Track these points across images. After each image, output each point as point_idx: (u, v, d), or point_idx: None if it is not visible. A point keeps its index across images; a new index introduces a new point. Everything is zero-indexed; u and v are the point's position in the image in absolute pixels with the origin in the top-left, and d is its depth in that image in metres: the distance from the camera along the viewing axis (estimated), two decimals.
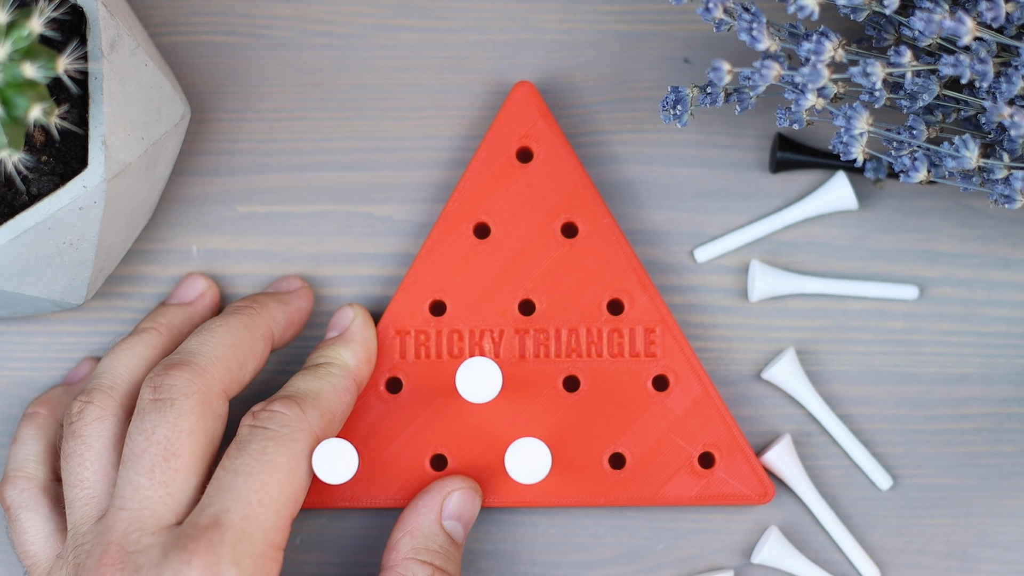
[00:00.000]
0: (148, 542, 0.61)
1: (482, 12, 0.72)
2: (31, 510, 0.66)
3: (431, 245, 0.69)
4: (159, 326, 0.67)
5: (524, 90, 0.69)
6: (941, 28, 0.60)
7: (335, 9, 0.72)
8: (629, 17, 0.72)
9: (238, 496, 0.61)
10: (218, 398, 0.64)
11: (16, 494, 0.66)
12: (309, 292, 0.70)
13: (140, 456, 0.62)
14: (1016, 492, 0.70)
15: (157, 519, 0.61)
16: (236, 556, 0.60)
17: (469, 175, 0.69)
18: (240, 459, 0.62)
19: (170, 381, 0.63)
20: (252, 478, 0.61)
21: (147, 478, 0.62)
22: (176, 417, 0.62)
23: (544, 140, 0.69)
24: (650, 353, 0.69)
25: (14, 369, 0.71)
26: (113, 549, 0.61)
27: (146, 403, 0.63)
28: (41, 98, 0.57)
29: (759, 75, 0.63)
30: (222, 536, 0.60)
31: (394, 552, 0.66)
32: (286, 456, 0.62)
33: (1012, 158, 0.63)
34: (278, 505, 0.62)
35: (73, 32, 0.63)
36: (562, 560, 0.70)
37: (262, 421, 0.63)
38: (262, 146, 0.71)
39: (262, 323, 0.67)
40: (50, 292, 0.64)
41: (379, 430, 0.68)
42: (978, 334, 0.71)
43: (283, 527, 0.62)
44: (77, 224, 0.62)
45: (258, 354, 0.66)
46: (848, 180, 0.70)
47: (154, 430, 0.62)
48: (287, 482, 0.62)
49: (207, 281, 0.70)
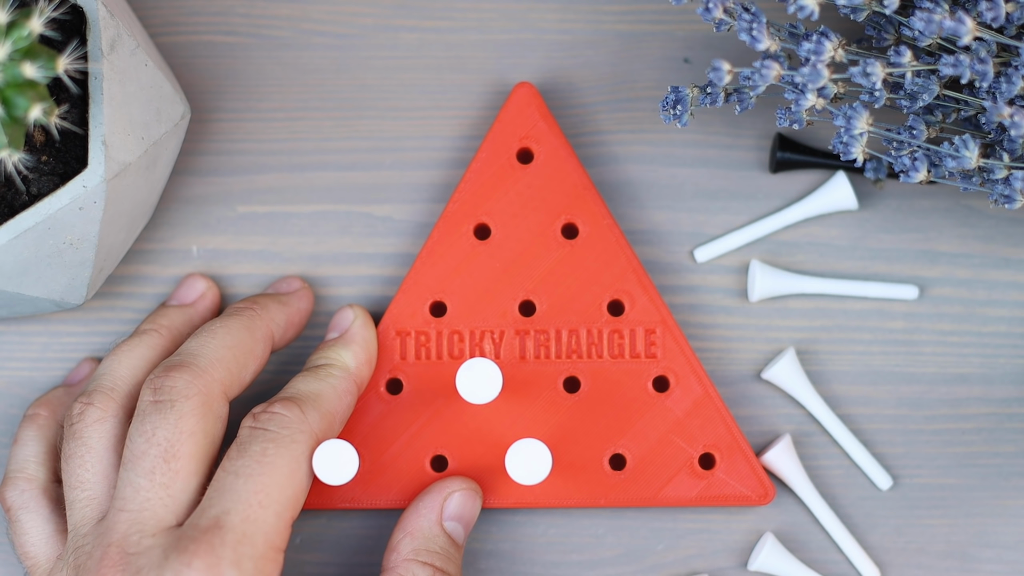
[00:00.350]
0: (148, 544, 0.61)
1: (482, 12, 0.72)
2: (31, 511, 0.66)
3: (431, 246, 0.69)
4: (159, 327, 0.67)
5: (524, 91, 0.69)
6: (941, 28, 0.60)
7: (335, 9, 0.72)
8: (629, 17, 0.72)
9: (239, 498, 0.61)
10: (218, 399, 0.64)
11: (16, 495, 0.66)
12: (309, 293, 0.70)
13: (140, 458, 0.62)
14: (1016, 492, 0.70)
15: (157, 521, 0.61)
16: (237, 558, 0.60)
17: (469, 176, 0.69)
18: (241, 460, 0.62)
19: (170, 383, 0.63)
20: (252, 480, 0.61)
21: (147, 480, 0.62)
22: (176, 419, 0.62)
23: (544, 141, 0.69)
24: (650, 354, 0.69)
25: (14, 369, 0.71)
26: (113, 551, 0.61)
27: (146, 405, 0.63)
28: (41, 98, 0.56)
29: (759, 75, 0.63)
30: (223, 538, 0.60)
31: (395, 553, 0.65)
32: (286, 458, 0.62)
33: (1012, 158, 0.63)
34: (278, 507, 0.62)
35: (73, 32, 0.62)
36: (562, 560, 0.70)
37: (262, 423, 0.63)
38: (262, 146, 0.71)
39: (262, 324, 0.67)
40: (50, 292, 0.64)
41: (379, 431, 0.68)
42: (978, 334, 0.71)
43: (283, 529, 0.62)
44: (77, 224, 0.62)
45: (258, 355, 0.66)
46: (848, 180, 0.70)
47: (154, 432, 0.62)
48: (287, 484, 0.62)
49: (207, 282, 0.70)
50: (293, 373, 0.68)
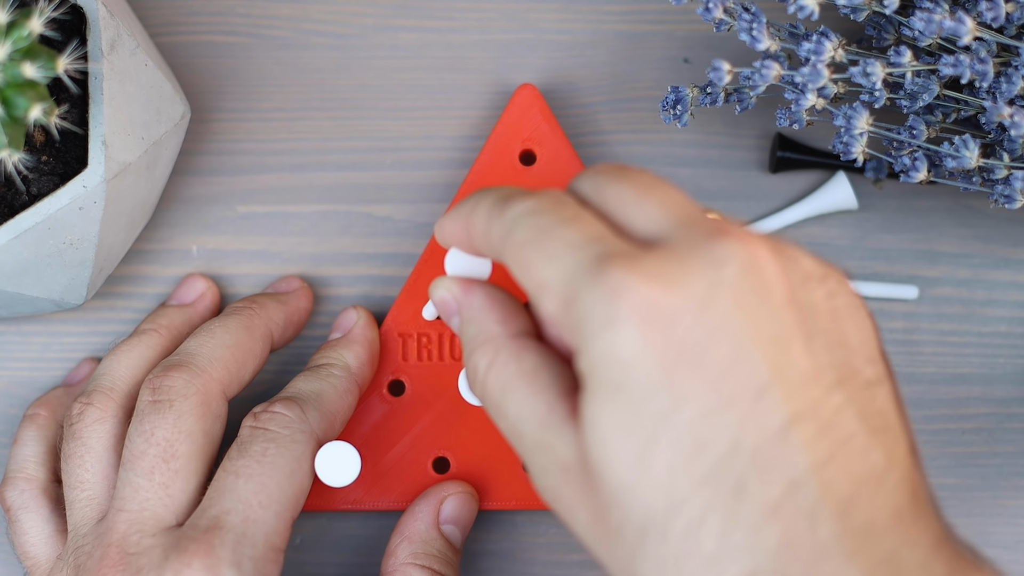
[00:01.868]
0: (148, 544, 0.61)
1: (482, 12, 0.72)
2: (31, 511, 0.66)
3: (434, 247, 0.69)
4: (159, 327, 0.67)
5: (527, 93, 0.69)
6: (941, 28, 0.60)
7: (335, 9, 0.72)
8: (629, 17, 0.72)
9: (238, 498, 0.61)
10: (217, 399, 0.64)
11: (16, 495, 0.66)
12: (308, 292, 0.70)
13: (139, 458, 0.62)
14: (1016, 492, 0.70)
15: (157, 520, 0.61)
16: (236, 558, 0.60)
17: (472, 178, 0.69)
18: (241, 460, 0.62)
19: (169, 382, 0.63)
20: (253, 480, 0.61)
21: (147, 480, 0.62)
22: (175, 419, 0.62)
23: (547, 143, 0.69)
24: None
25: (14, 369, 0.71)
26: (113, 551, 0.61)
27: (145, 405, 0.63)
28: (41, 98, 0.56)
29: (759, 75, 0.63)
30: (222, 538, 0.60)
31: (392, 558, 0.66)
32: (287, 458, 0.62)
33: (1012, 158, 0.63)
34: (279, 507, 0.62)
35: (73, 32, 0.62)
36: (562, 560, 0.70)
37: (263, 422, 0.63)
38: (262, 146, 0.71)
39: (261, 323, 0.67)
40: (50, 292, 0.64)
41: (381, 433, 0.68)
42: (978, 334, 0.71)
43: (284, 529, 0.62)
44: (77, 224, 0.62)
45: (257, 354, 0.66)
46: (848, 180, 0.70)
47: (153, 432, 0.62)
48: (288, 484, 0.62)
49: (207, 282, 0.70)
50: (294, 373, 0.68)
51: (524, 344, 0.54)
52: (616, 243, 0.51)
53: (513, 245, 0.53)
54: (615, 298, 0.49)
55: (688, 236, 0.51)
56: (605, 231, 0.52)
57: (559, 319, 0.51)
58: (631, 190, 0.53)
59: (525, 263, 0.52)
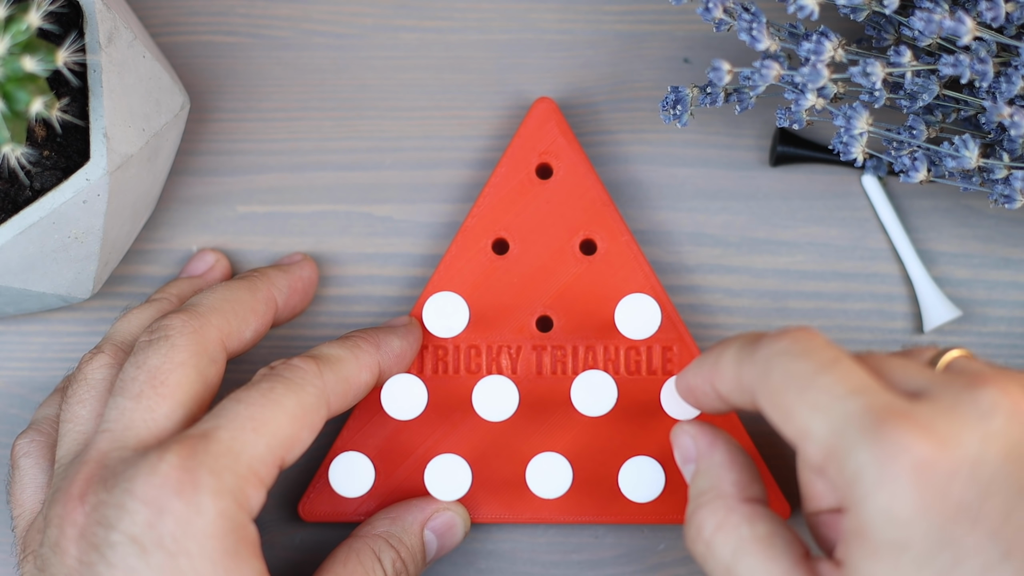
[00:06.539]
0: (128, 455, 0.60)
1: (482, 12, 0.72)
2: (32, 457, 0.65)
3: (449, 260, 0.69)
4: (169, 295, 0.68)
5: (544, 106, 0.69)
6: (941, 28, 0.61)
7: (335, 9, 0.72)
8: (629, 17, 0.72)
9: (233, 418, 0.60)
10: (214, 342, 0.63)
11: (25, 443, 0.66)
12: (311, 262, 0.70)
13: (129, 383, 0.61)
14: None
15: (139, 440, 0.60)
16: (217, 467, 0.58)
17: (488, 191, 0.69)
18: (245, 392, 0.61)
19: (166, 322, 0.62)
20: (252, 407, 0.60)
21: (134, 402, 0.61)
22: (168, 349, 0.61)
23: (564, 157, 0.69)
24: (667, 371, 0.68)
25: (14, 369, 0.71)
26: (91, 465, 0.59)
27: (142, 343, 0.62)
28: (42, 91, 0.57)
29: (759, 75, 0.63)
30: (206, 446, 0.58)
31: (369, 526, 0.65)
32: (292, 400, 0.61)
33: (1012, 158, 0.63)
34: (271, 439, 0.60)
35: (70, 25, 0.63)
36: (562, 560, 0.70)
37: (278, 370, 0.62)
38: (262, 146, 0.71)
39: (263, 285, 0.66)
40: (56, 287, 0.64)
41: (395, 444, 0.68)
42: (978, 334, 0.71)
43: (271, 463, 0.60)
44: (81, 218, 0.62)
45: (260, 313, 0.65)
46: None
47: (145, 360, 0.61)
48: (286, 423, 0.61)
49: (217, 255, 0.70)
50: None
51: (756, 510, 0.56)
52: (883, 396, 0.53)
53: (770, 389, 0.54)
54: (892, 457, 0.51)
55: (950, 385, 0.53)
56: (869, 380, 0.53)
57: (823, 469, 0.53)
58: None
59: (786, 409, 0.54)
